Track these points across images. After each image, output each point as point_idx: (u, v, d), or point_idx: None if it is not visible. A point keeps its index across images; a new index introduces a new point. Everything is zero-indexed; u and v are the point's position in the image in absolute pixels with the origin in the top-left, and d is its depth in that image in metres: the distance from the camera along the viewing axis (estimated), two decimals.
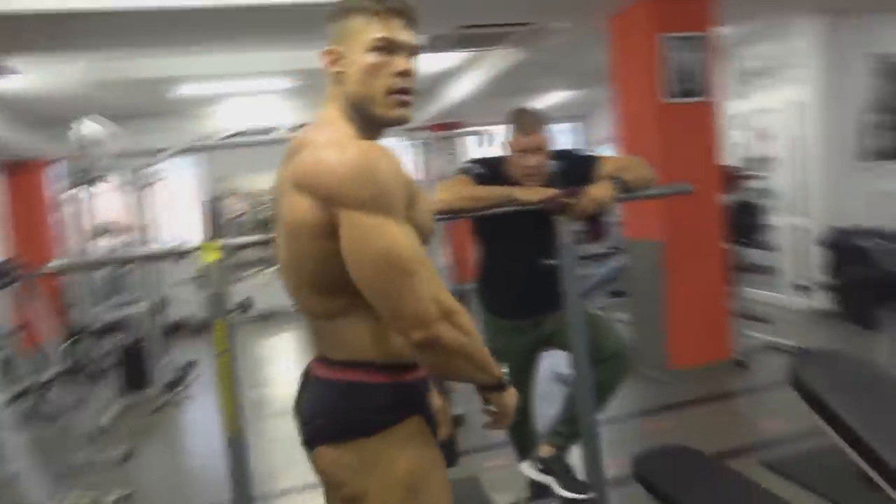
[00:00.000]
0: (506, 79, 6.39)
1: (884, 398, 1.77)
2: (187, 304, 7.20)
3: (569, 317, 2.25)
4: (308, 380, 1.30)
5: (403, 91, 1.22)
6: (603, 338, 2.29)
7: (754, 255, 4.76)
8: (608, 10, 4.36)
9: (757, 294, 5.46)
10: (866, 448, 1.61)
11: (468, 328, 1.15)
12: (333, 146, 1.13)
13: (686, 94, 4.12)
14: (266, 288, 8.29)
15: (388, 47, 1.20)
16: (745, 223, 4.37)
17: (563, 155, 2.43)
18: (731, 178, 4.43)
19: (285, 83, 6.51)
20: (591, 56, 5.89)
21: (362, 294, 1.13)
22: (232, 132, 6.27)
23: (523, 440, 2.54)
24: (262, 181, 8.38)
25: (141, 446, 3.88)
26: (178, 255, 2.04)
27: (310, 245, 1.14)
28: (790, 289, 5.60)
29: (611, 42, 4.53)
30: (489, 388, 1.26)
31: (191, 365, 5.46)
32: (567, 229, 2.25)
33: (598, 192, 2.20)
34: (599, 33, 4.61)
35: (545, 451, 2.34)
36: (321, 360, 1.27)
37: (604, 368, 2.27)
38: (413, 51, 1.24)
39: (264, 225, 8.21)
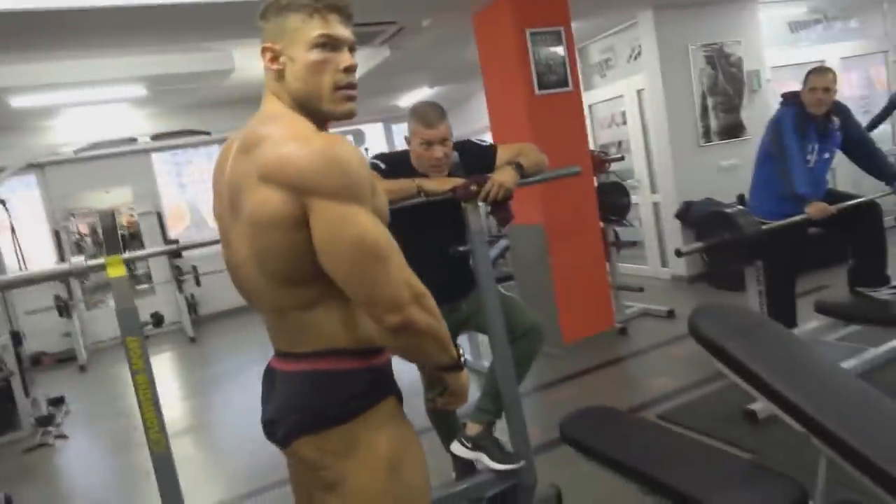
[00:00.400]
0: (371, 78, 6.43)
1: (768, 339, 2.03)
2: (46, 334, 6.61)
3: (484, 299, 2.35)
4: (273, 378, 1.29)
5: (350, 86, 1.25)
6: (518, 315, 2.41)
7: (622, 231, 5.18)
8: (472, 7, 4.52)
9: (627, 267, 5.94)
10: (761, 382, 1.85)
11: (435, 311, 1.21)
12: (299, 139, 1.13)
13: (553, 85, 4.39)
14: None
15: (330, 44, 1.22)
16: (613, 203, 4.73)
17: (462, 145, 2.53)
18: (598, 162, 4.77)
19: (138, 90, 6.09)
20: (453, 53, 6.09)
21: (334, 282, 1.14)
22: (84, 145, 5.80)
23: (447, 424, 2.62)
24: (115, 196, 7.79)
25: (20, 491, 3.52)
26: (77, 274, 1.89)
27: (281, 237, 1.13)
28: (655, 260, 6.14)
29: (478, 38, 4.70)
30: (448, 369, 1.31)
31: (59, 400, 5.01)
32: (476, 216, 2.35)
33: (503, 177, 2.32)
34: (462, 30, 4.78)
35: (472, 429, 2.42)
36: (286, 355, 1.26)
37: (520, 344, 2.39)
38: (352, 45, 1.27)
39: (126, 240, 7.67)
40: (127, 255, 1.96)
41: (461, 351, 1.34)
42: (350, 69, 1.24)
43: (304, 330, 1.22)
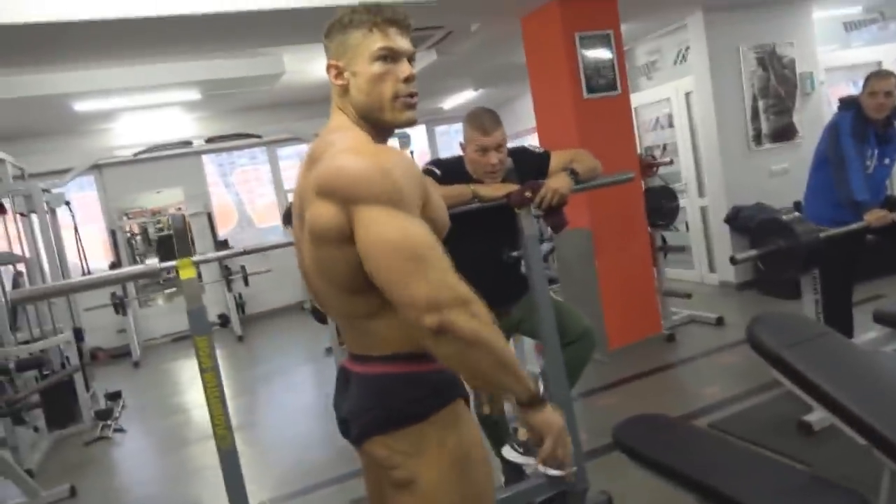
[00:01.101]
0: (417, 81, 6.48)
1: (828, 349, 2.01)
2: (102, 331, 6.86)
3: (537, 304, 2.37)
4: (348, 379, 1.34)
5: (410, 95, 1.29)
6: (570, 320, 2.42)
7: (670, 236, 5.13)
8: (520, 11, 4.54)
9: (673, 272, 5.87)
10: (822, 393, 1.83)
11: (486, 318, 1.14)
12: (350, 151, 1.19)
13: (601, 89, 4.38)
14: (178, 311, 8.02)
15: (390, 56, 1.27)
16: (661, 207, 4.69)
17: (516, 151, 2.55)
18: (645, 165, 4.74)
19: (192, 94, 6.27)
20: (500, 56, 6.10)
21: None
22: (141, 147, 5.99)
23: (497, 429, 2.64)
24: (166, 197, 8.02)
25: (82, 482, 3.67)
26: (152, 275, 1.98)
27: (335, 250, 1.18)
28: (703, 265, 6.06)
29: (526, 42, 4.71)
30: (526, 405, 1.22)
31: (117, 395, 5.20)
32: (529, 222, 2.37)
33: (558, 183, 2.35)
34: (510, 34, 4.79)
35: (524, 434, 2.44)
36: (360, 357, 1.30)
37: (572, 349, 2.40)
38: (411, 56, 1.31)
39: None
40: (197, 257, 2.04)
41: (538, 382, 1.32)
42: (410, 79, 1.28)
43: (372, 335, 1.27)
